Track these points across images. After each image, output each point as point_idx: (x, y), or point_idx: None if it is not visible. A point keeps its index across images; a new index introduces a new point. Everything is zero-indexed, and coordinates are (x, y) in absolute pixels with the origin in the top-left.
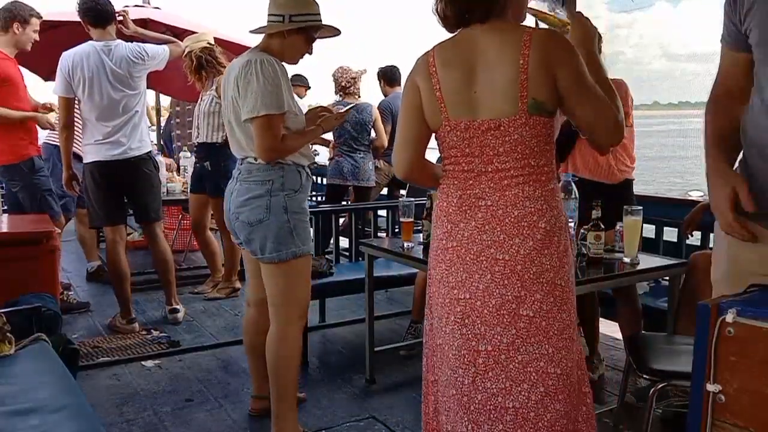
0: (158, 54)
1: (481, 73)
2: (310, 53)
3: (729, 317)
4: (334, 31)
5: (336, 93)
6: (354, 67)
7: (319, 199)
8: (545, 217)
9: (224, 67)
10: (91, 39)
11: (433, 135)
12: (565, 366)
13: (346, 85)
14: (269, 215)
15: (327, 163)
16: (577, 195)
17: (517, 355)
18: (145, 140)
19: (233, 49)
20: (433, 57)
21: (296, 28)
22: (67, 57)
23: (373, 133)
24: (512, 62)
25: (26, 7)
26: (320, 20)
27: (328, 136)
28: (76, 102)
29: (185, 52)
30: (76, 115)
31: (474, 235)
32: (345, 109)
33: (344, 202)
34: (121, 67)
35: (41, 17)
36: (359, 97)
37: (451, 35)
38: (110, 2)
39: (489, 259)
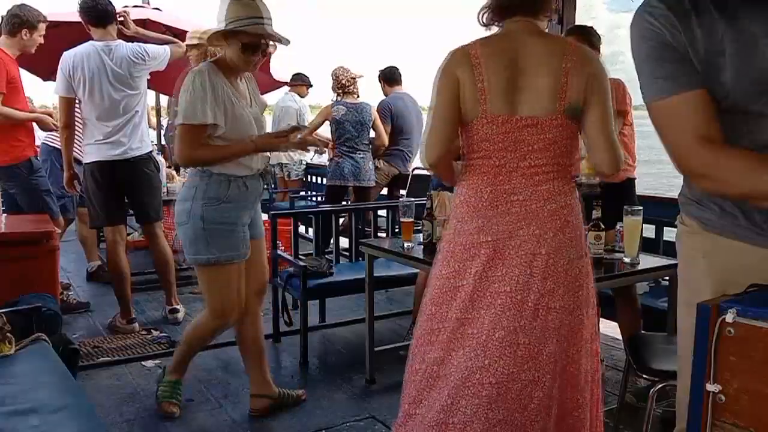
0: (159, 54)
1: (525, 72)
2: (256, 60)
3: (729, 317)
4: (278, 39)
5: (334, 91)
6: (353, 69)
7: (319, 199)
8: (573, 212)
9: None
10: (92, 39)
11: (463, 127)
12: (581, 354)
13: (346, 83)
14: (188, 219)
15: (327, 164)
16: (578, 195)
17: (547, 347)
18: (145, 140)
19: None
20: (476, 50)
21: (233, 34)
22: (68, 57)
23: (372, 133)
24: (556, 67)
25: (34, 11)
26: (256, 24)
27: (326, 132)
28: (77, 102)
29: (199, 44)
30: (76, 115)
31: (511, 230)
32: (289, 128)
33: (344, 202)
34: (121, 67)
35: (47, 21)
36: (358, 96)
37: (490, 32)
38: (111, 2)
39: (527, 254)
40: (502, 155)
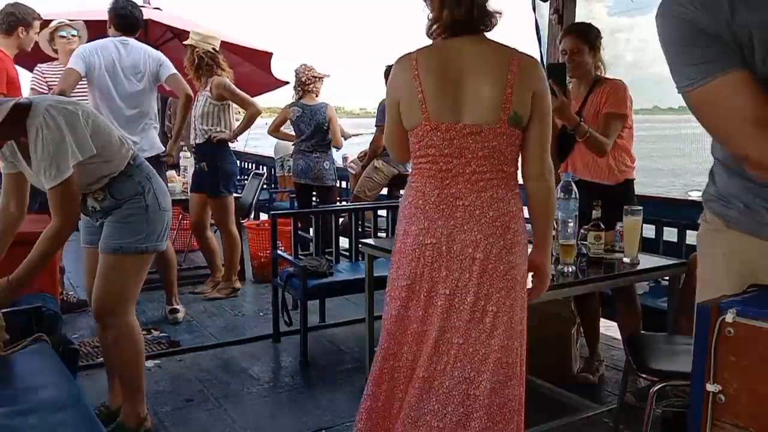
0: (170, 67)
1: (469, 81)
2: None
3: (729, 317)
4: None
5: (294, 89)
6: (318, 69)
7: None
8: (515, 219)
9: (224, 70)
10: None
11: (409, 134)
12: (515, 356)
13: (306, 81)
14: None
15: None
16: (577, 195)
17: (482, 348)
18: (155, 142)
19: (239, 51)
20: (416, 61)
21: None
22: (87, 47)
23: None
24: (500, 76)
25: (29, 9)
26: None
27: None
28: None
29: (191, 45)
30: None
31: (453, 234)
32: None
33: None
34: (137, 61)
35: (41, 19)
36: (316, 96)
37: (433, 42)
38: (141, 14)
39: (467, 258)
40: (448, 161)
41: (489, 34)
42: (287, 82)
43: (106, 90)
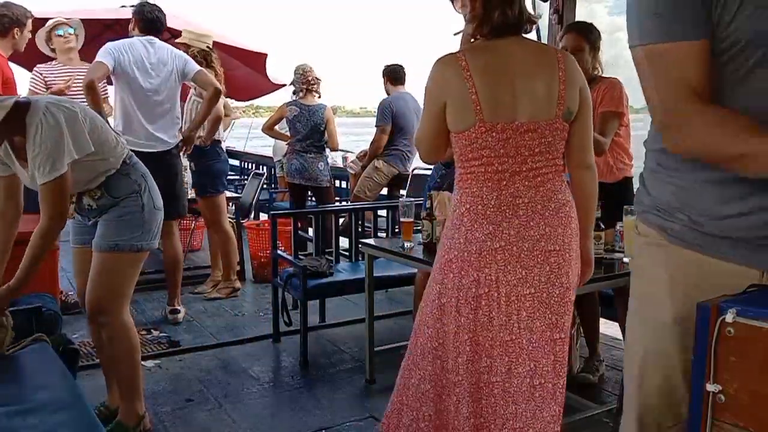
0: (194, 67)
1: (522, 79)
2: None
3: (729, 317)
4: None
5: (296, 85)
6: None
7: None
8: (572, 206)
9: (213, 68)
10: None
11: (457, 136)
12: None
13: (312, 81)
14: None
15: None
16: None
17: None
18: (177, 136)
19: (235, 54)
20: (465, 61)
21: None
22: (115, 43)
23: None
24: (553, 74)
25: (21, 9)
26: None
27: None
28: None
29: (184, 44)
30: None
31: (521, 232)
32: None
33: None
34: (164, 58)
35: (33, 16)
36: (320, 97)
37: (477, 42)
38: (165, 19)
39: (542, 252)
40: (503, 161)
41: None
42: (284, 85)
43: (135, 85)
